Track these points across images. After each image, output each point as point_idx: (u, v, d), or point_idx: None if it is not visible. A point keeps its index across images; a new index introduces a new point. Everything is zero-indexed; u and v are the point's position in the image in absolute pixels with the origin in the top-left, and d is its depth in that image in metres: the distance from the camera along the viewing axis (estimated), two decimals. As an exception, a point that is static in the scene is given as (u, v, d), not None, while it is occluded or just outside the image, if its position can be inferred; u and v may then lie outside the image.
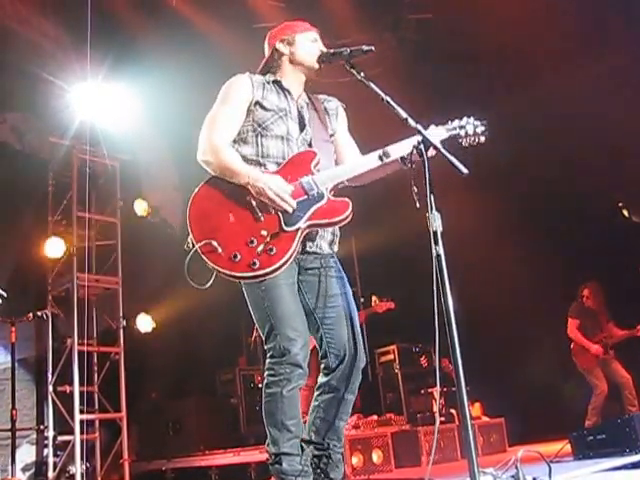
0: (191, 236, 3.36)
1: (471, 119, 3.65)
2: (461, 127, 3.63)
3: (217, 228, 3.35)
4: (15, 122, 8.68)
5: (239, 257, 3.27)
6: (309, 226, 3.41)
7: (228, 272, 3.28)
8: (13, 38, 8.01)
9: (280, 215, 3.37)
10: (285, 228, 3.35)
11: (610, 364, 8.62)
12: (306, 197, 3.43)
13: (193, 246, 3.33)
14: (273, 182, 3.37)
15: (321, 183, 3.46)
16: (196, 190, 3.48)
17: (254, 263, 3.27)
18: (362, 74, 3.42)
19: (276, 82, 3.75)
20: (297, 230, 3.37)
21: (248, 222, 3.36)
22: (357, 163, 3.61)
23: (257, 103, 3.62)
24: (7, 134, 8.61)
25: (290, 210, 3.37)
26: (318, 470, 3.51)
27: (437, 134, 3.53)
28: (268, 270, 3.29)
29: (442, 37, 9.32)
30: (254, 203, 3.37)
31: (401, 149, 3.49)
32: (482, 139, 3.64)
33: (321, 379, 3.60)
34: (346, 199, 3.48)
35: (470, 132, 3.61)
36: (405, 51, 9.64)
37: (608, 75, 8.77)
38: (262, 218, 3.36)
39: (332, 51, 3.63)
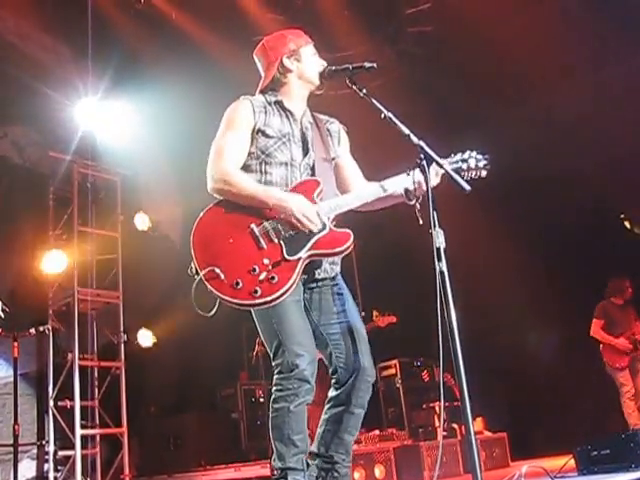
0: (194, 262, 3.36)
1: (474, 153, 3.63)
2: (463, 160, 3.61)
3: (219, 255, 3.35)
4: (16, 136, 8.69)
5: (241, 285, 3.28)
6: (310, 256, 3.41)
7: (230, 299, 3.29)
8: (15, 52, 8.03)
9: (282, 244, 3.37)
10: (287, 257, 3.35)
11: (637, 364, 8.53)
12: None
13: (197, 272, 3.33)
14: (299, 203, 3.39)
15: (323, 213, 3.46)
16: (200, 215, 3.46)
17: (256, 291, 3.27)
18: (364, 90, 3.41)
19: (277, 102, 3.68)
20: (299, 260, 3.37)
21: (250, 250, 3.36)
22: (360, 195, 3.57)
23: (259, 131, 3.58)
24: (8, 148, 8.62)
25: (316, 230, 3.39)
26: None
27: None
28: (269, 298, 3.29)
29: (442, 50, 9.34)
30: (257, 231, 3.38)
31: (404, 182, 3.49)
32: (484, 173, 3.62)
33: (331, 393, 3.59)
34: (347, 230, 3.47)
35: (472, 166, 3.60)
36: (405, 64, 9.66)
37: (607, 88, 8.79)
38: (265, 246, 3.36)
39: (334, 68, 3.60)
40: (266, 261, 3.33)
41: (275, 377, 3.42)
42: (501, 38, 8.32)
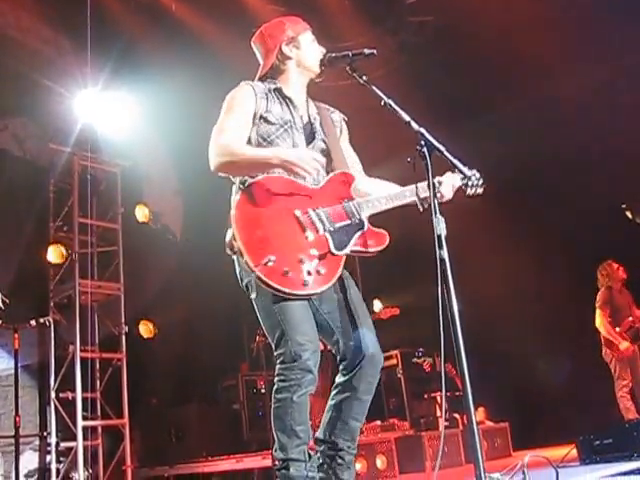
0: (241, 244, 3.27)
1: (474, 171, 3.66)
2: (468, 177, 3.64)
3: (269, 241, 3.30)
4: (16, 129, 8.68)
5: (291, 274, 3.25)
6: (352, 252, 3.44)
7: (279, 287, 3.24)
8: (14, 45, 8.01)
9: (328, 237, 3.38)
10: (334, 251, 3.37)
11: (637, 357, 8.49)
12: (349, 222, 3.46)
13: (241, 253, 3.26)
14: (300, 153, 3.36)
15: (362, 210, 3.50)
16: (238, 197, 3.38)
17: (305, 283, 3.26)
18: (364, 77, 3.40)
19: (277, 90, 3.66)
20: (343, 255, 3.40)
21: (298, 239, 3.34)
22: (396, 196, 3.61)
23: (261, 117, 3.55)
24: (8, 141, 8.60)
25: (314, 174, 3.38)
26: (330, 471, 3.49)
27: (452, 180, 3.61)
28: (317, 291, 3.31)
29: (443, 40, 9.31)
30: (303, 220, 3.37)
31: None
32: (480, 191, 3.66)
33: (338, 379, 3.58)
34: (384, 231, 3.52)
35: (475, 183, 3.64)
36: (406, 54, 9.63)
37: (609, 77, 8.76)
38: (311, 237, 3.35)
39: (334, 55, 3.59)
40: (313, 252, 3.32)
41: (277, 367, 3.39)
42: (502, 27, 8.30)
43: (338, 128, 3.86)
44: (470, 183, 3.61)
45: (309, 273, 3.27)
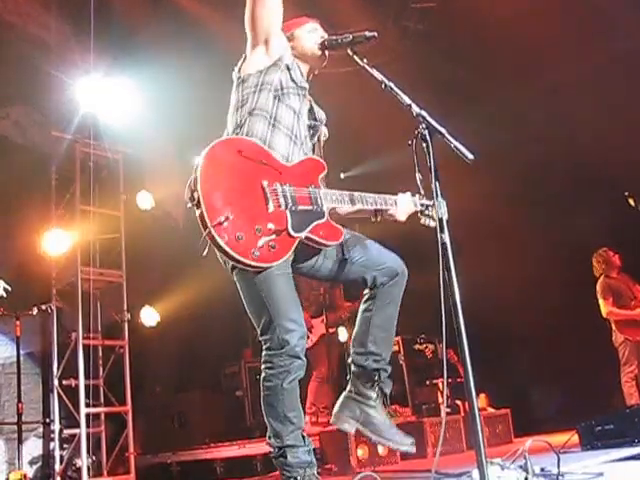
0: (200, 193, 3.15)
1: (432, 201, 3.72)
2: (428, 206, 3.79)
3: (229, 199, 3.21)
4: (18, 116, 8.66)
5: (243, 239, 3.16)
6: (306, 238, 3.39)
7: (228, 249, 3.13)
8: (15, 32, 7.98)
9: (289, 216, 3.32)
10: (290, 231, 3.31)
11: None
12: (310, 208, 3.42)
13: (198, 203, 3.15)
14: None
15: (325, 201, 3.49)
16: (214, 143, 3.32)
17: (254, 252, 3.17)
18: (364, 60, 3.39)
19: (298, 66, 3.73)
20: (298, 237, 3.35)
21: (259, 208, 3.28)
22: (363, 200, 3.68)
23: (287, 67, 3.59)
24: (10, 128, 8.59)
25: None
26: (377, 387, 3.59)
27: (406, 202, 3.75)
28: (264, 265, 3.23)
29: (445, 26, 9.27)
30: (268, 191, 3.31)
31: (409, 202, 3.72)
32: (432, 224, 3.72)
33: (369, 294, 3.66)
34: (341, 227, 3.53)
35: (430, 213, 3.76)
36: (408, 40, 9.59)
37: (609, 62, 8.74)
38: (272, 210, 3.29)
39: (334, 37, 3.60)
40: (270, 226, 3.26)
41: (264, 354, 3.37)
42: (504, 13, 8.26)
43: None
44: (427, 212, 3.78)
45: (260, 246, 3.20)
